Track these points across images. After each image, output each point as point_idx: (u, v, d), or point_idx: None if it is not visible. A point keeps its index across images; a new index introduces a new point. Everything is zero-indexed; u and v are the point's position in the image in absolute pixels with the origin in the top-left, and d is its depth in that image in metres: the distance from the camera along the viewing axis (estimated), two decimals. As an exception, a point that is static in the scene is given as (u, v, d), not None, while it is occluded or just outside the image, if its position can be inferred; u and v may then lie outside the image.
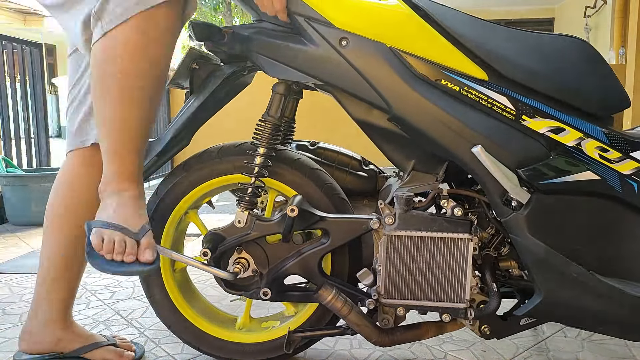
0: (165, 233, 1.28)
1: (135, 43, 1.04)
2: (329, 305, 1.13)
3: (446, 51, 1.05)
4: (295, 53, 1.08)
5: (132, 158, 1.10)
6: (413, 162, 1.16)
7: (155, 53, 1.07)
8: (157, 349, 1.44)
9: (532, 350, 1.42)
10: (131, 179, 1.11)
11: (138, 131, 1.09)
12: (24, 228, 3.15)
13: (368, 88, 1.07)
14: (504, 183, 1.03)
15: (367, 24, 1.06)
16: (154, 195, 1.28)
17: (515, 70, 1.04)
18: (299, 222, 1.16)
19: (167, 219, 1.27)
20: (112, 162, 1.10)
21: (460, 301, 1.11)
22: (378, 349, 1.41)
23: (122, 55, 1.04)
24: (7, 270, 2.24)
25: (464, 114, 1.04)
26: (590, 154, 1.04)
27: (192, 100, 1.21)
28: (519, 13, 9.32)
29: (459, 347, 1.43)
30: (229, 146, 1.25)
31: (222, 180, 1.25)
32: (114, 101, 1.06)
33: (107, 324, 1.62)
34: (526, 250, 1.05)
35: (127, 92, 1.06)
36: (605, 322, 1.08)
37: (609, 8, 6.89)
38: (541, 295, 1.07)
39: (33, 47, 3.78)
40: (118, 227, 1.07)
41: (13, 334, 1.56)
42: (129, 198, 1.10)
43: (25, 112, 3.71)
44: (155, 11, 1.03)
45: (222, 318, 1.38)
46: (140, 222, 1.10)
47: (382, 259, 1.11)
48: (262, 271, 1.21)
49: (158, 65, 1.08)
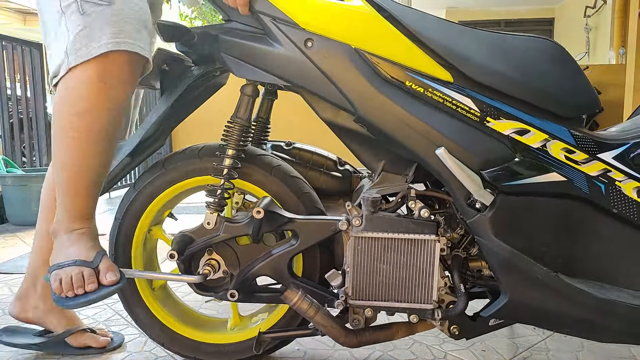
0: (133, 257, 1.28)
1: (96, 84, 1.04)
2: (294, 307, 1.13)
3: (411, 53, 1.04)
4: (262, 54, 1.08)
5: (84, 201, 1.12)
6: (383, 163, 1.16)
7: (115, 96, 1.07)
8: (157, 349, 1.44)
9: (532, 350, 1.42)
10: (82, 218, 1.13)
11: (91, 174, 1.10)
12: (24, 228, 3.15)
13: (333, 89, 1.06)
14: (467, 185, 1.03)
15: (332, 25, 1.05)
16: (115, 221, 1.28)
17: (480, 71, 1.03)
18: (268, 224, 1.15)
19: (131, 241, 1.27)
20: (64, 203, 1.12)
21: (427, 302, 1.11)
22: (378, 349, 1.42)
23: (81, 95, 1.04)
24: (7, 270, 2.24)
25: (428, 115, 1.04)
26: (556, 156, 1.03)
27: (162, 101, 1.21)
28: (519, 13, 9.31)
29: (459, 347, 1.43)
30: (174, 155, 1.26)
31: (175, 188, 1.25)
32: (69, 144, 1.07)
33: (107, 324, 1.63)
34: (491, 251, 1.05)
35: (83, 135, 1.06)
36: (570, 323, 1.08)
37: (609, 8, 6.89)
38: (506, 296, 1.06)
39: (33, 47, 3.78)
40: (72, 262, 1.10)
41: (13, 333, 1.56)
42: (80, 234, 1.13)
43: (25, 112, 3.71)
44: (121, 56, 1.04)
45: (213, 324, 1.39)
46: (93, 251, 1.13)
47: (349, 260, 1.11)
48: (233, 272, 1.21)
49: (116, 108, 1.09)
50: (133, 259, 1.28)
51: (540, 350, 1.41)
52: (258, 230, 1.15)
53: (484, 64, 1.04)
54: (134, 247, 1.28)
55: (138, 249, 1.29)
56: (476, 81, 1.04)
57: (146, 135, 1.20)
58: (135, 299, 1.30)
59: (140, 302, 1.30)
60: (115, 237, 1.27)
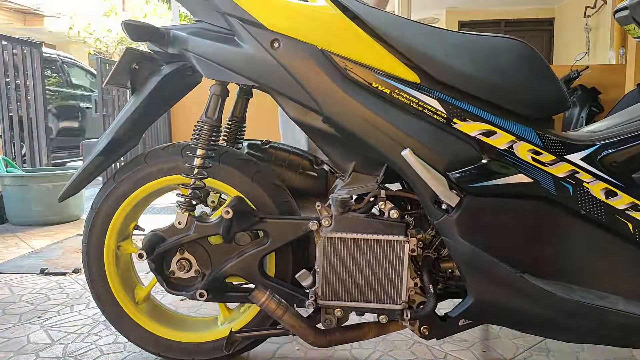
0: (108, 276, 1.29)
1: None
2: (263, 307, 1.13)
3: (377, 54, 1.04)
4: (230, 54, 1.08)
5: None
6: (353, 163, 1.16)
7: None
8: (157, 349, 1.44)
9: (532, 350, 1.42)
10: None
11: None
12: (24, 228, 3.15)
13: (300, 90, 1.07)
14: (433, 186, 1.03)
15: (298, 25, 1.06)
16: (83, 244, 1.29)
17: (446, 72, 1.03)
18: (238, 223, 1.16)
19: (103, 263, 1.28)
20: None
21: (396, 302, 1.11)
22: (378, 349, 1.42)
23: None
24: (7, 270, 2.25)
25: (394, 116, 1.04)
26: (523, 157, 1.03)
27: (132, 100, 1.21)
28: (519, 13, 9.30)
29: (459, 347, 1.43)
30: (122, 168, 1.26)
31: (130, 200, 1.25)
32: None
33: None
34: (456, 252, 1.05)
35: None
36: (535, 324, 1.08)
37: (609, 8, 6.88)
38: (472, 296, 1.07)
39: (33, 47, 3.78)
40: None
41: (13, 333, 1.57)
42: None
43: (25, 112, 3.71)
44: None
45: (205, 323, 1.38)
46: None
47: (319, 260, 1.11)
48: (205, 272, 1.22)
49: None
50: (109, 279, 1.29)
51: (540, 350, 1.41)
52: (228, 230, 1.15)
53: (451, 65, 1.03)
54: (106, 267, 1.28)
55: (111, 267, 1.29)
56: (442, 82, 1.03)
57: (117, 134, 1.20)
58: (123, 319, 1.31)
59: (128, 320, 1.31)
60: (86, 260, 1.29)
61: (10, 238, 2.90)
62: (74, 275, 2.17)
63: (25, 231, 3.07)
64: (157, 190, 1.27)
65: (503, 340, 1.47)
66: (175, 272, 1.22)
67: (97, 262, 1.28)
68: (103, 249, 1.27)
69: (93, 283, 1.29)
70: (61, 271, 2.20)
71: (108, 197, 1.25)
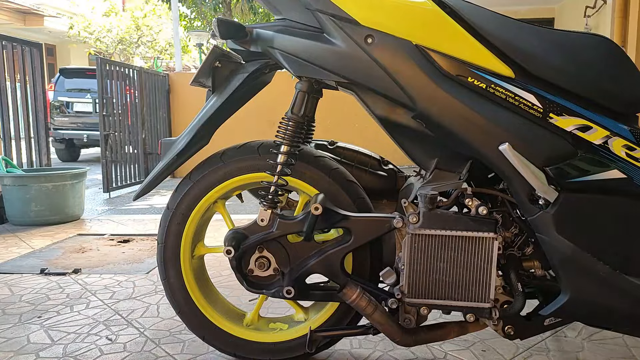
0: (191, 219, 1.28)
1: None
2: (353, 304, 1.12)
3: (472, 49, 1.04)
4: (319, 51, 1.07)
5: None
6: (436, 160, 1.15)
7: None
8: (157, 349, 1.44)
9: (532, 350, 1.42)
10: None
11: None
12: (24, 228, 3.15)
13: (393, 85, 1.06)
14: (531, 181, 1.02)
15: (393, 21, 1.05)
16: (187, 179, 1.28)
17: (542, 67, 1.03)
18: (321, 221, 1.15)
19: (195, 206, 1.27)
20: None
21: (484, 301, 1.10)
22: (378, 349, 1.41)
23: None
24: (7, 270, 2.23)
25: (490, 111, 1.04)
26: (618, 153, 1.02)
27: (214, 98, 1.20)
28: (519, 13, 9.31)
29: (459, 347, 1.43)
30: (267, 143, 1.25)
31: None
32: None
33: (107, 324, 1.62)
34: (553, 249, 1.04)
35: None
36: (631, 321, 1.07)
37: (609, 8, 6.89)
38: (567, 294, 1.06)
39: (33, 47, 3.78)
40: None
41: (13, 333, 1.56)
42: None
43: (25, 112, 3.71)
44: None
45: (231, 311, 1.37)
46: None
47: (405, 258, 1.10)
48: (284, 270, 1.21)
49: None
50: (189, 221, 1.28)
51: (540, 350, 1.41)
52: (313, 227, 1.14)
53: (546, 60, 1.03)
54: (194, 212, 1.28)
55: (198, 214, 1.28)
56: (538, 77, 1.03)
57: (198, 133, 1.20)
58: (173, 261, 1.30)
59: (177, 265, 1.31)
60: (183, 195, 1.28)
61: (10, 238, 2.89)
62: (74, 275, 2.16)
63: (25, 231, 3.06)
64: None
65: (503, 340, 1.46)
66: (254, 271, 1.21)
67: (194, 200, 1.28)
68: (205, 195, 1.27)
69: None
70: (61, 271, 2.19)
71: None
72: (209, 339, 1.31)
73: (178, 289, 1.29)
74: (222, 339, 1.31)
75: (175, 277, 1.29)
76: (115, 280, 2.07)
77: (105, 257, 2.44)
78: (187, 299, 1.30)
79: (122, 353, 1.42)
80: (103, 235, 2.92)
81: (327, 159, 1.24)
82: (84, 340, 1.50)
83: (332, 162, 1.24)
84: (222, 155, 1.24)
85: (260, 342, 1.30)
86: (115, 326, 1.60)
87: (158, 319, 1.65)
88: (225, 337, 1.30)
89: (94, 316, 1.69)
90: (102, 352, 1.42)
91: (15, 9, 11.90)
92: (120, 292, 1.94)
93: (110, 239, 2.83)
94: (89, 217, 3.51)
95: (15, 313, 1.73)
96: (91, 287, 1.99)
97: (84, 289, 1.97)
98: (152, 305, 1.77)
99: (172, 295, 1.30)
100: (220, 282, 2.03)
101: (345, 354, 1.39)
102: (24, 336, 1.54)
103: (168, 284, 1.29)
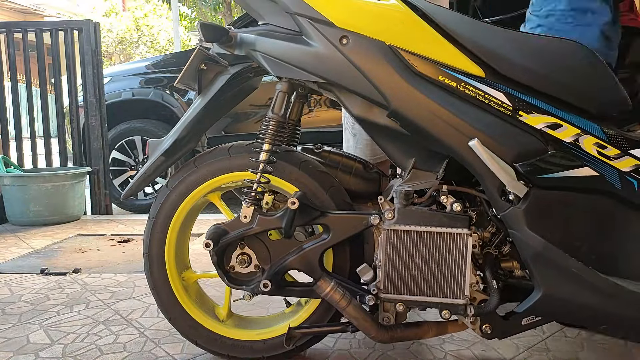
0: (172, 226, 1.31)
1: None
2: (327, 298, 1.14)
3: (443, 49, 1.06)
4: (298, 52, 1.11)
5: None
6: (413, 160, 1.17)
7: None
8: (157, 349, 1.44)
9: (532, 350, 1.42)
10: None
11: None
12: (24, 228, 3.15)
13: (367, 85, 1.08)
14: (501, 176, 1.04)
15: (366, 22, 1.08)
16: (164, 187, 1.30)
17: (512, 68, 1.05)
18: (300, 217, 1.17)
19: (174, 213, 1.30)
20: None
21: (459, 297, 1.11)
22: (378, 349, 1.41)
23: None
24: (7, 270, 2.24)
25: (461, 109, 1.06)
26: (589, 150, 1.04)
27: (198, 100, 1.23)
28: (519, 13, 9.30)
29: (459, 347, 1.43)
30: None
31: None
32: None
33: (107, 324, 1.63)
34: (524, 244, 1.06)
35: None
36: (606, 320, 1.08)
37: (609, 8, 6.85)
38: (540, 291, 1.07)
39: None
40: None
41: (13, 333, 1.57)
42: None
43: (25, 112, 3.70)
44: None
45: (270, 320, 1.39)
46: None
47: (381, 254, 1.12)
48: (264, 267, 1.23)
49: None
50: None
51: (540, 350, 1.41)
52: (291, 223, 1.17)
53: (516, 61, 1.05)
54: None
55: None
56: (508, 77, 1.05)
57: (182, 134, 1.23)
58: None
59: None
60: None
61: (10, 238, 2.89)
62: (74, 275, 2.16)
63: (25, 231, 3.06)
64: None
65: (503, 340, 1.46)
66: (235, 267, 1.23)
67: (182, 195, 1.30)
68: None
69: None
70: (61, 271, 2.19)
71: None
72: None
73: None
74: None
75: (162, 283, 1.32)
76: (115, 280, 2.07)
77: (105, 257, 2.44)
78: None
79: (122, 353, 1.42)
80: (103, 235, 2.92)
81: (312, 162, 1.26)
82: (83, 340, 1.51)
83: (317, 165, 1.26)
84: (195, 160, 1.27)
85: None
86: (115, 326, 1.61)
87: (158, 319, 1.65)
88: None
89: (93, 316, 1.70)
90: (102, 352, 1.43)
91: (15, 9, 11.93)
92: (120, 292, 1.94)
93: (110, 239, 2.83)
94: (89, 217, 3.51)
95: (15, 313, 1.74)
96: (91, 287, 1.99)
97: (83, 289, 1.98)
98: (152, 305, 1.77)
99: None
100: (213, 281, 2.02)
101: (345, 354, 1.39)
102: (23, 336, 1.55)
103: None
